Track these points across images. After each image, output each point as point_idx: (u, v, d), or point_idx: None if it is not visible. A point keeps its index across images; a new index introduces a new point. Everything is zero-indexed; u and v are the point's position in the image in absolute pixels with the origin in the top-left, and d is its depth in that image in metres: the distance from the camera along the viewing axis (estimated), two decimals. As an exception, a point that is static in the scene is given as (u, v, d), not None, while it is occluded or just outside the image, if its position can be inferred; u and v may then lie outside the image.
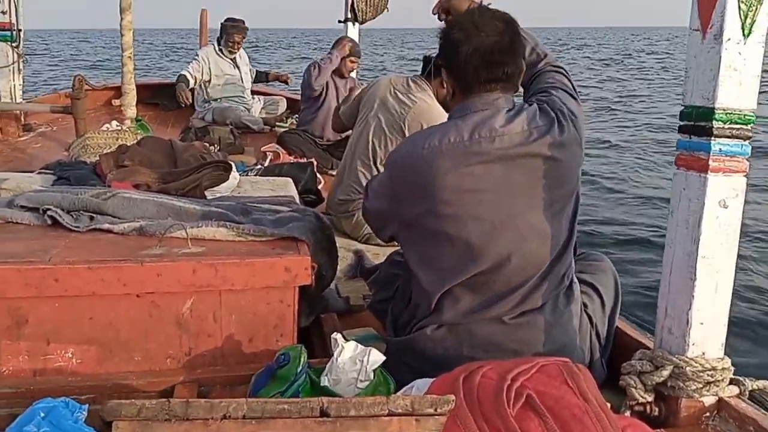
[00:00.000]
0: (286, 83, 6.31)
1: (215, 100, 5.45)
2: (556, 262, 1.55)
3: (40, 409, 0.93)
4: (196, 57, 5.48)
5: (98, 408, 1.01)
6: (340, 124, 3.51)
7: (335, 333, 1.51)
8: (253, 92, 5.98)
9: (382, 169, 2.97)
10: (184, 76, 5.34)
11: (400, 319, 1.74)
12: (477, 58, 1.54)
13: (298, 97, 6.37)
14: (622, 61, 27.05)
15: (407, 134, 2.97)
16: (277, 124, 5.64)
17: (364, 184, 3.02)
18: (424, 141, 1.58)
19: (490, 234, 1.52)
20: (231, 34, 5.48)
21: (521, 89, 1.74)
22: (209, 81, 5.46)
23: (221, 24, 5.57)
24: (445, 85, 1.66)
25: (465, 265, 1.53)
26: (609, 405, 1.27)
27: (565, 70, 1.78)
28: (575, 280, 1.63)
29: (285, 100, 6.13)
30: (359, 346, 1.48)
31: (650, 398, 1.44)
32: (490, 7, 1.68)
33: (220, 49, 5.51)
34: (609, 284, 1.79)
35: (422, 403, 1.06)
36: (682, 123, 1.38)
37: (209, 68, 5.43)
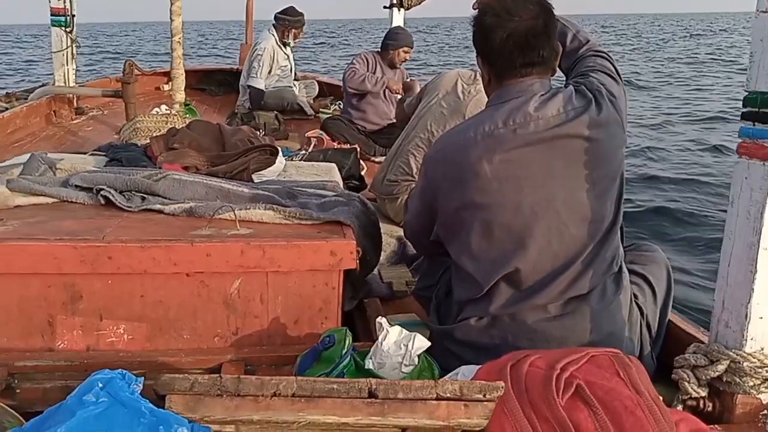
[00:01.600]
0: None
1: (268, 86, 5.46)
2: (601, 246, 1.52)
3: (99, 379, 0.96)
4: (261, 55, 5.33)
5: (152, 382, 1.03)
6: (404, 115, 3.51)
7: (380, 317, 1.51)
8: None
9: None
10: (261, 91, 5.28)
11: (443, 307, 1.73)
12: (511, 43, 1.53)
13: (330, 81, 6.39)
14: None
15: (466, 112, 2.96)
16: (321, 110, 5.66)
17: (413, 167, 3.04)
18: (459, 134, 1.60)
19: (530, 220, 1.50)
20: (294, 28, 5.44)
21: (560, 73, 1.72)
22: (269, 72, 5.43)
23: (280, 15, 5.46)
24: (481, 73, 1.66)
25: (509, 255, 1.52)
26: (661, 399, 1.24)
27: (608, 54, 1.75)
28: (624, 268, 1.59)
29: (317, 83, 6.12)
30: (404, 330, 1.47)
31: (704, 393, 1.39)
32: None
33: (281, 42, 5.46)
34: (661, 276, 1.74)
35: (471, 388, 1.05)
36: (745, 110, 1.33)
37: (272, 63, 5.40)
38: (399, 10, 5.13)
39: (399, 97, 4.76)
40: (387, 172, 3.19)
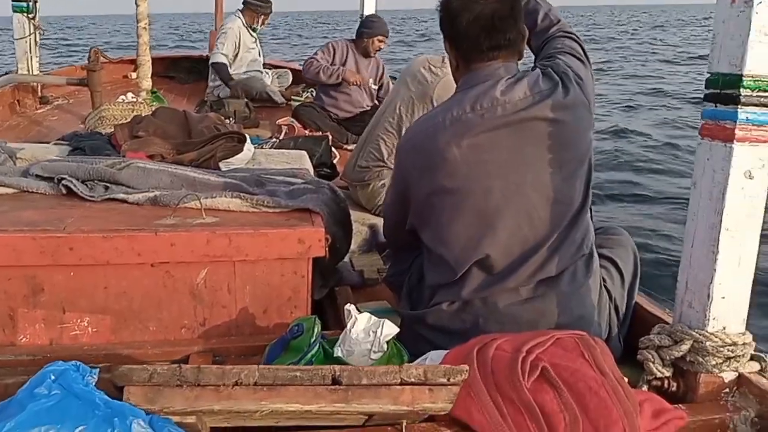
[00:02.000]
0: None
1: (236, 74, 5.40)
2: (570, 229, 1.53)
3: (51, 371, 0.94)
4: (225, 33, 5.32)
5: (109, 369, 1.01)
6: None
7: (349, 304, 1.50)
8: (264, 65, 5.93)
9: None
10: (225, 65, 5.22)
11: (415, 293, 1.73)
12: (477, 26, 1.54)
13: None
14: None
15: (436, 104, 2.96)
16: (293, 97, 5.60)
17: (384, 152, 3.03)
18: (428, 120, 1.61)
19: (500, 204, 1.51)
20: (261, 12, 5.41)
21: (528, 55, 1.73)
22: (236, 56, 5.39)
23: (249, 1, 5.43)
24: (449, 58, 1.66)
25: (480, 239, 1.52)
26: (626, 380, 1.25)
27: (576, 36, 1.75)
28: (595, 251, 1.60)
29: (290, 71, 6.06)
30: (373, 317, 1.47)
31: (668, 373, 1.41)
32: None
33: (248, 25, 5.43)
34: (628, 258, 1.76)
35: (435, 372, 1.04)
36: (707, 91, 1.34)
37: (238, 44, 5.36)
38: (371, -3, 5.08)
39: (372, 85, 4.75)
40: (357, 159, 3.18)
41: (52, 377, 0.91)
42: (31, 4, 4.75)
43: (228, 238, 1.62)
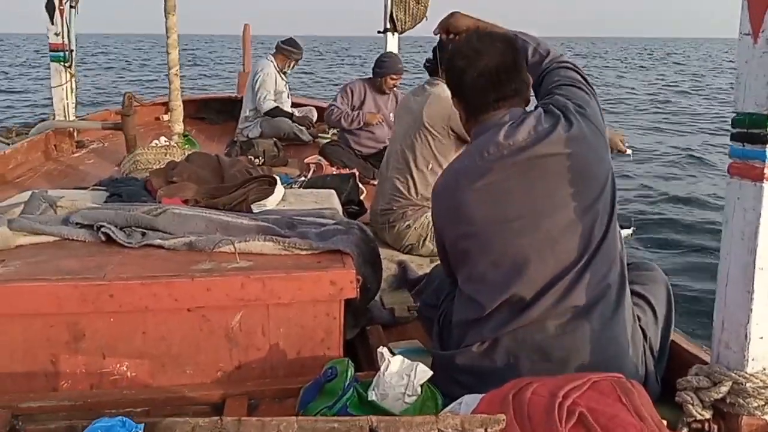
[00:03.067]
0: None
1: (265, 118, 5.52)
2: (594, 257, 1.53)
3: (98, 428, 0.96)
4: (264, 81, 5.47)
5: (152, 423, 1.03)
6: None
7: (381, 347, 1.51)
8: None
9: (415, 173, 3.04)
10: (276, 107, 5.47)
11: (445, 333, 1.73)
12: (483, 80, 1.63)
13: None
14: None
15: (429, 126, 3.00)
16: (320, 135, 5.70)
17: (401, 189, 3.05)
18: (448, 170, 1.72)
19: (523, 241, 1.54)
20: (293, 58, 5.65)
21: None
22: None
23: (284, 46, 5.66)
24: (459, 114, 1.75)
25: (508, 278, 1.54)
26: (665, 422, 1.24)
27: (573, 64, 1.79)
28: (627, 285, 1.59)
29: (315, 109, 6.17)
30: (406, 360, 1.47)
31: (708, 415, 1.39)
32: (488, 30, 1.78)
33: (279, 69, 5.62)
34: (661, 296, 1.74)
35: (472, 422, 1.05)
36: (734, 131, 1.34)
37: (273, 86, 5.53)
38: (393, 34, 5.19)
39: (392, 119, 4.82)
40: (378, 203, 3.21)
41: (101, 432, 0.94)
42: (67, 53, 4.94)
43: (262, 282, 1.65)
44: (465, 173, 1.62)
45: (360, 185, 3.83)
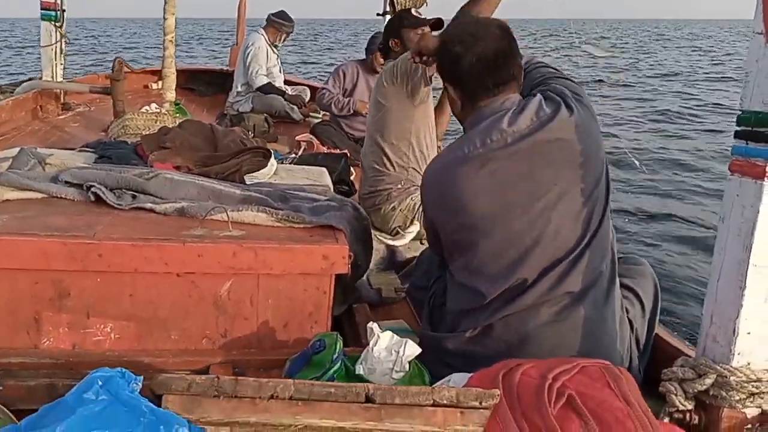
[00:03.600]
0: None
1: (257, 93, 5.46)
2: (590, 244, 1.54)
3: (98, 377, 0.95)
4: (256, 54, 5.40)
5: (147, 382, 1.02)
6: None
7: (371, 322, 1.51)
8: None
9: (387, 148, 2.91)
10: (269, 83, 5.38)
11: (436, 315, 1.74)
12: (481, 65, 1.60)
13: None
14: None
15: (385, 94, 2.87)
16: (311, 114, 5.66)
17: (379, 169, 2.96)
18: (443, 159, 1.66)
19: (525, 230, 1.52)
20: (284, 30, 5.55)
21: None
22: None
23: (275, 18, 5.57)
24: (453, 99, 1.71)
25: (510, 267, 1.53)
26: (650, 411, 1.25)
27: (547, 63, 1.80)
28: (617, 276, 1.61)
29: (308, 89, 6.12)
30: (395, 336, 1.48)
31: (690, 406, 1.41)
32: (480, 16, 1.79)
33: (271, 43, 5.54)
34: (649, 289, 1.76)
35: (467, 395, 1.05)
36: (739, 128, 1.35)
37: (264, 60, 5.47)
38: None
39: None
40: (363, 187, 3.17)
41: (100, 383, 0.93)
42: (58, 12, 4.84)
43: (254, 252, 1.64)
44: (464, 161, 1.58)
45: (350, 167, 3.81)
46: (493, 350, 1.50)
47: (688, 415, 1.42)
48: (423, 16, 3.14)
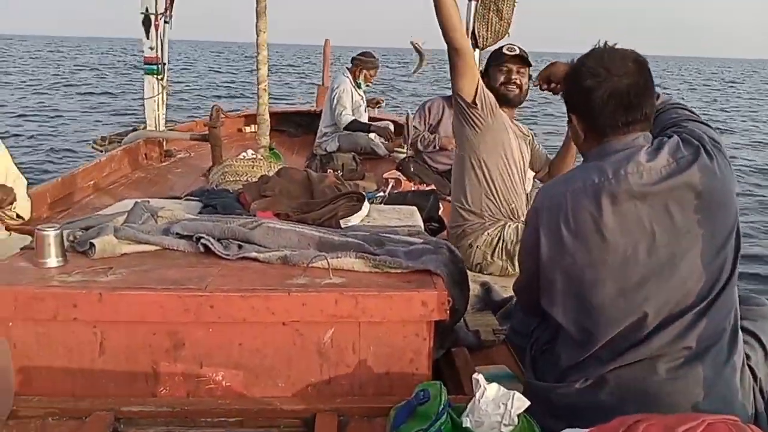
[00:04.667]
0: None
1: (343, 133, 5.60)
2: (716, 301, 1.45)
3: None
4: (341, 97, 5.55)
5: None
6: None
7: (476, 373, 1.48)
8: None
9: (466, 180, 2.88)
10: (354, 120, 5.55)
11: (540, 363, 1.68)
12: (613, 102, 1.51)
13: (404, 122, 6.42)
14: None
15: (460, 106, 2.82)
16: (395, 150, 5.74)
17: (456, 205, 2.94)
18: (566, 185, 1.54)
19: (648, 276, 1.44)
20: (366, 69, 5.71)
21: None
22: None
23: (354, 57, 5.77)
24: (577, 131, 1.63)
25: (624, 315, 1.46)
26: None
27: (685, 106, 1.70)
28: (740, 330, 1.51)
29: (392, 123, 6.20)
30: (502, 388, 1.44)
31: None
32: (616, 47, 1.61)
33: (356, 83, 5.71)
34: (772, 332, 1.64)
35: (587, 460, 1.01)
36: None
37: (349, 102, 5.63)
38: (474, 50, 5.15)
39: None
40: (449, 223, 3.14)
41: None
42: (160, 66, 5.19)
43: (355, 299, 1.66)
44: (596, 192, 1.46)
45: (439, 202, 3.82)
46: (606, 404, 1.44)
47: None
48: (508, 53, 3.11)
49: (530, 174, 3.37)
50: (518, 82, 3.01)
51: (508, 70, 3.01)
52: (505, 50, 3.06)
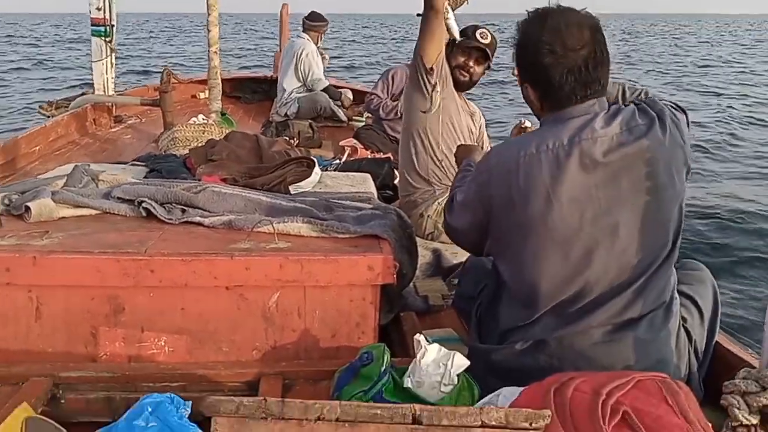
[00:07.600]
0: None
1: (305, 95, 5.52)
2: (656, 274, 1.48)
3: (148, 404, 0.97)
4: (311, 60, 5.44)
5: (197, 400, 1.03)
6: None
7: (418, 335, 1.50)
8: None
9: (411, 149, 2.84)
10: (332, 86, 5.48)
11: (483, 326, 1.71)
12: (572, 78, 1.48)
13: (364, 89, 6.36)
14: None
15: (413, 72, 2.80)
16: (354, 117, 5.68)
17: (404, 175, 2.91)
18: (519, 148, 1.52)
19: (591, 245, 1.45)
20: (321, 31, 5.61)
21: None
22: (306, 77, 5.53)
23: (312, 23, 5.61)
24: (532, 100, 1.59)
25: (567, 280, 1.47)
26: (710, 426, 1.20)
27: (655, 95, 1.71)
28: (676, 296, 1.55)
29: (351, 91, 6.13)
30: (443, 349, 1.46)
31: (755, 421, 1.34)
32: (570, 8, 1.56)
33: (318, 46, 5.60)
34: (708, 296, 1.69)
35: (517, 416, 1.03)
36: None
37: (319, 64, 5.54)
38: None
39: None
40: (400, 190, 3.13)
41: (149, 409, 0.95)
42: (108, 28, 4.98)
43: (300, 264, 1.65)
44: (548, 157, 1.45)
45: (394, 171, 3.80)
46: (544, 365, 1.46)
47: (752, 429, 1.35)
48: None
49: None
50: (472, 71, 3.01)
51: (469, 57, 2.99)
52: (478, 35, 3.01)
